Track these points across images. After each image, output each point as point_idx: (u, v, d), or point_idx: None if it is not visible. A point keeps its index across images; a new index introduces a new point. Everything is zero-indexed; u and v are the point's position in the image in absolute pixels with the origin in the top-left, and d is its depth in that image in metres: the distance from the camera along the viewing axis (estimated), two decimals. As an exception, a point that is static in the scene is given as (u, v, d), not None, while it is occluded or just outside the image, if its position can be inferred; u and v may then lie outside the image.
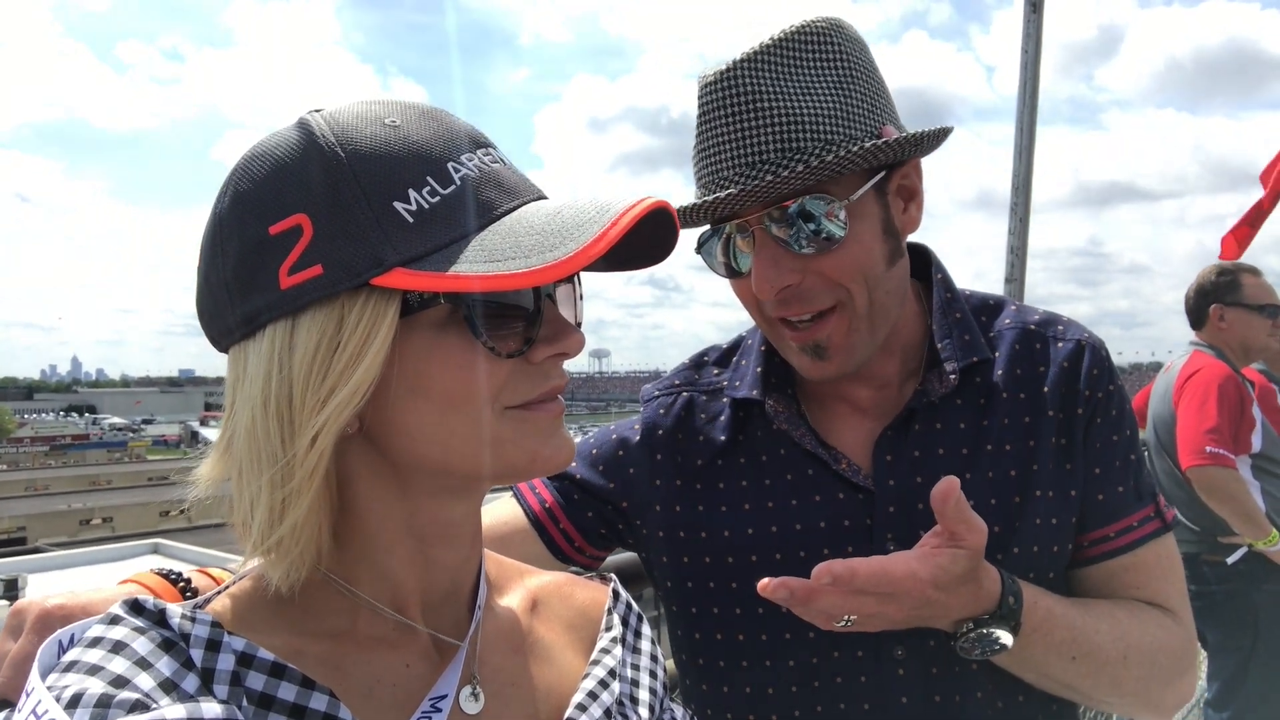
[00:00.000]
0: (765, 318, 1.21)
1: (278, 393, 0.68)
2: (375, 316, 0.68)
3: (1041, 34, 3.29)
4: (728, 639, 1.25)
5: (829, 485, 1.24)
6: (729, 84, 1.13)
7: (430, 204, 0.69)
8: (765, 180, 1.09)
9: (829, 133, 1.12)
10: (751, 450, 1.29)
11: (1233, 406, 3.54)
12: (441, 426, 0.72)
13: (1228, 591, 3.59)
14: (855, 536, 1.22)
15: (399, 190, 0.68)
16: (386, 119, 0.72)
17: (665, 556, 1.30)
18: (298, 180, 0.69)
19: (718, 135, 1.14)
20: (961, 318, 1.29)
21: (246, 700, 0.65)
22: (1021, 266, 3.36)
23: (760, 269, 1.14)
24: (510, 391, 0.73)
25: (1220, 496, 3.49)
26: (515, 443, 0.74)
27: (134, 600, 0.66)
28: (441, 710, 0.75)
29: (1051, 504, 1.24)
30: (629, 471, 1.34)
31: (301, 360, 0.68)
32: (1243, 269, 3.85)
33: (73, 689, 0.57)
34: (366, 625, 0.76)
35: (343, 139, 0.70)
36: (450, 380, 0.71)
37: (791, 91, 1.13)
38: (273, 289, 0.68)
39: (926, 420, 1.25)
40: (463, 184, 0.71)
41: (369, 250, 0.67)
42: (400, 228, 0.68)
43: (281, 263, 0.68)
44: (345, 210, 0.68)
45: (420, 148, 0.71)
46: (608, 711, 0.83)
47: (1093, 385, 1.26)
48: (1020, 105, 3.34)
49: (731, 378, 1.35)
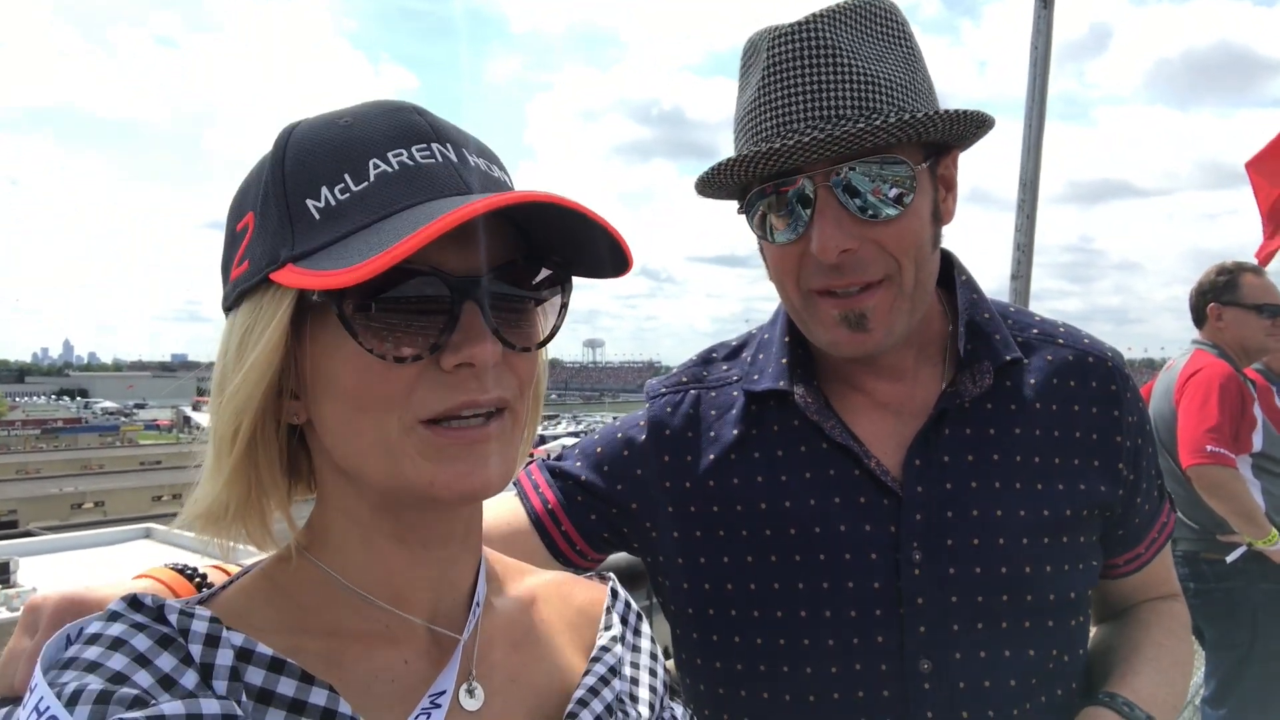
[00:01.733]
0: (801, 291, 1.16)
1: (219, 373, 0.72)
2: (271, 311, 0.69)
3: (1052, 30, 3.27)
4: (746, 642, 1.21)
5: (850, 487, 1.20)
6: (807, 36, 1.09)
7: (339, 201, 0.68)
8: (853, 128, 1.05)
9: (901, 100, 1.10)
10: (766, 446, 1.25)
11: (1234, 405, 3.54)
12: (349, 427, 0.71)
13: (1226, 589, 3.60)
14: (879, 542, 1.18)
15: (313, 188, 0.69)
16: (342, 120, 0.72)
17: (681, 558, 1.25)
18: (256, 183, 0.73)
19: (789, 86, 1.09)
20: (990, 318, 1.27)
21: (246, 695, 0.64)
22: (1028, 263, 3.34)
23: (825, 229, 1.09)
24: (420, 402, 0.69)
25: (1220, 495, 3.49)
26: (414, 461, 0.70)
27: (133, 596, 0.66)
28: (441, 706, 0.74)
29: (1081, 523, 1.23)
30: (637, 473, 1.30)
31: (233, 347, 0.71)
32: (1244, 268, 3.84)
33: (72, 686, 0.58)
34: (365, 621, 0.76)
35: (292, 142, 0.72)
36: (348, 381, 0.69)
37: (868, 55, 1.11)
38: (228, 280, 0.74)
39: (956, 423, 1.22)
40: (375, 180, 0.69)
41: (273, 247, 0.69)
42: (307, 225, 0.68)
43: (234, 256, 0.73)
44: (270, 209, 0.70)
45: (350, 145, 0.70)
46: (609, 708, 0.83)
47: (1130, 410, 1.27)
48: (1029, 101, 3.32)
49: (748, 371, 1.31)
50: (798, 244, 1.13)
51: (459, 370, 0.69)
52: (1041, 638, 1.18)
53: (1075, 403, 1.25)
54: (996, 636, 1.16)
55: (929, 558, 1.16)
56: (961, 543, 1.17)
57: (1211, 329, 3.80)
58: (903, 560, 1.16)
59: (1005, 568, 1.17)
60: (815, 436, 1.23)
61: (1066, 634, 1.22)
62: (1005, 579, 1.16)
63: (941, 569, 1.16)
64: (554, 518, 1.30)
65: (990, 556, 1.17)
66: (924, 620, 1.15)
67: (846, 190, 1.09)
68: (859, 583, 1.16)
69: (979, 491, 1.19)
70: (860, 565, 1.17)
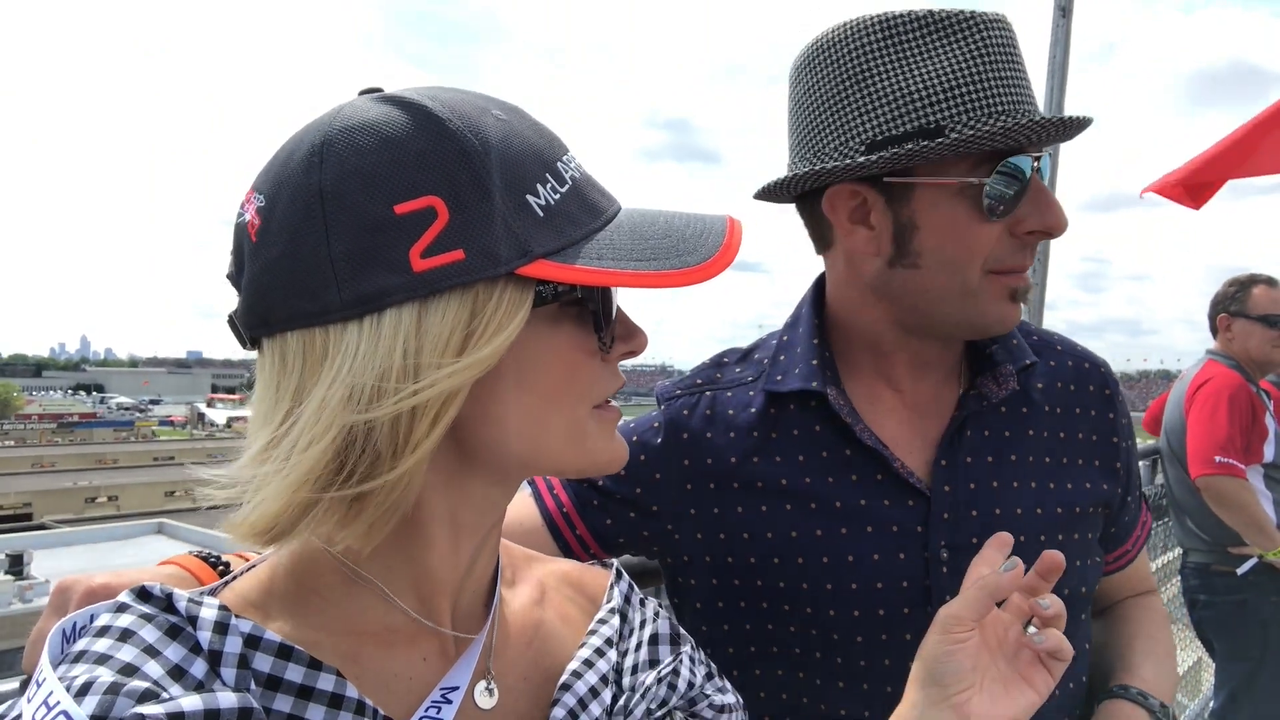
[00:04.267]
0: (984, 272, 1.16)
1: (399, 377, 0.65)
2: (512, 306, 0.68)
3: (1070, 39, 3.28)
4: (776, 634, 1.22)
5: (876, 489, 1.21)
6: (1010, 29, 1.16)
7: (554, 201, 0.70)
8: (1068, 117, 1.11)
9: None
10: (788, 449, 1.25)
11: (1244, 416, 3.52)
12: (539, 421, 0.72)
13: (1238, 602, 3.58)
14: (907, 542, 1.19)
15: (530, 184, 0.69)
16: (492, 110, 0.71)
17: (708, 556, 1.26)
18: (427, 162, 0.66)
19: (1010, 70, 1.14)
20: None
21: (254, 683, 0.64)
22: (1043, 272, 3.34)
23: (1058, 206, 1.15)
24: (601, 388, 0.76)
25: (1230, 506, 3.47)
26: (597, 439, 0.76)
27: (141, 587, 0.65)
28: (452, 702, 0.73)
29: (1088, 520, 1.28)
30: (655, 477, 1.29)
31: (435, 345, 0.65)
32: (1257, 280, 3.82)
33: (82, 678, 0.57)
34: (383, 618, 0.75)
35: (470, 126, 0.68)
36: (558, 375, 0.72)
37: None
38: (402, 270, 0.65)
39: (976, 425, 1.25)
40: (574, 184, 0.72)
41: (515, 240, 0.67)
42: (534, 221, 0.68)
43: (413, 244, 0.65)
44: (485, 198, 0.66)
45: (535, 145, 0.71)
46: (604, 678, 0.82)
47: (1122, 413, 1.34)
48: (1047, 110, 3.29)
49: (768, 372, 1.30)
50: (998, 223, 1.14)
51: (615, 359, 0.77)
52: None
53: (1077, 405, 1.31)
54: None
55: (956, 556, 1.19)
56: (986, 540, 1.19)
57: (1222, 340, 3.78)
58: (931, 559, 1.19)
59: (1025, 563, 1.19)
60: (839, 440, 1.24)
61: (1079, 627, 1.26)
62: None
63: (967, 566, 1.18)
64: (568, 521, 1.30)
65: (1013, 553, 1.19)
66: None
67: (1046, 174, 1.17)
68: (887, 582, 1.19)
69: (1000, 490, 1.22)
70: (888, 565, 1.19)
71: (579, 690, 0.80)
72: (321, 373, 0.65)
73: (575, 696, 0.79)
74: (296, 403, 0.66)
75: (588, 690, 0.80)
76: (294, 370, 0.66)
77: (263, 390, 0.69)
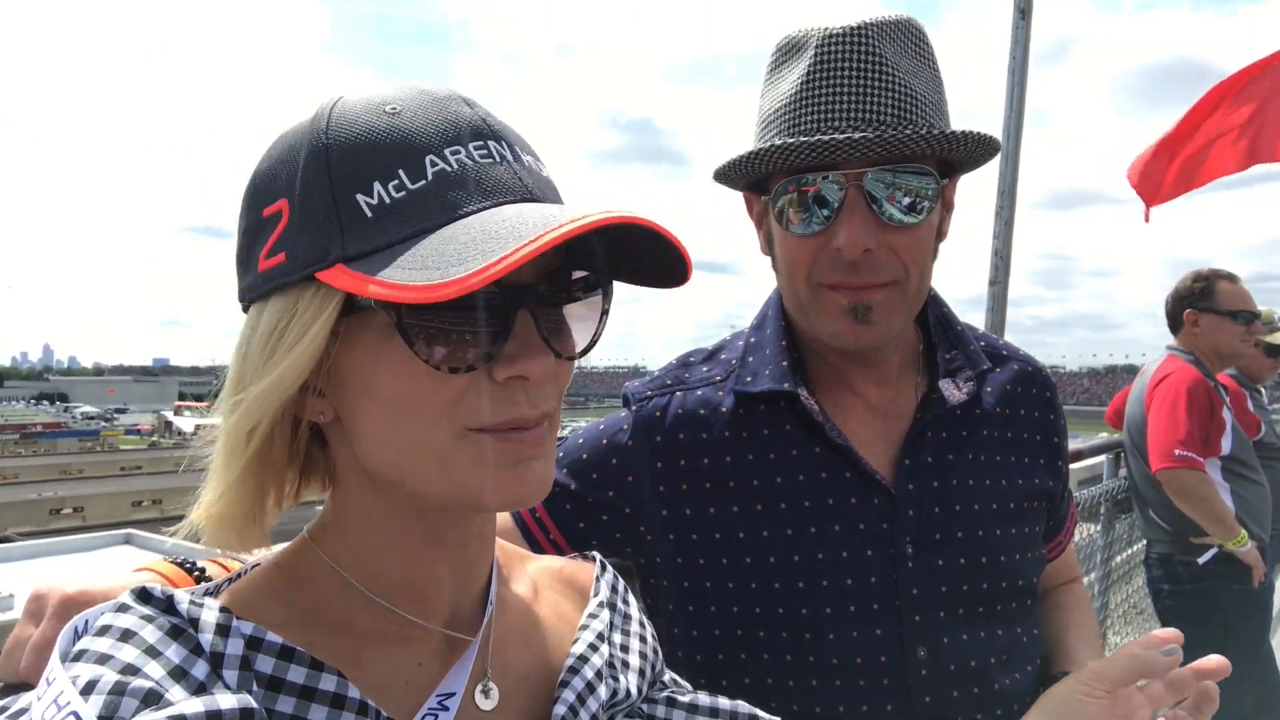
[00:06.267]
0: (811, 283, 1.20)
1: (237, 368, 0.69)
2: (315, 311, 0.65)
3: (1029, 40, 3.33)
4: (747, 638, 1.24)
5: (843, 488, 1.24)
6: (857, 41, 1.15)
7: (394, 199, 0.64)
8: (899, 133, 1.11)
9: (931, 117, 1.18)
10: (759, 449, 1.27)
11: (1202, 410, 3.59)
12: (393, 432, 0.68)
13: (1200, 590, 3.65)
14: (874, 539, 1.23)
15: (364, 183, 0.64)
16: (388, 106, 0.68)
17: (679, 558, 1.27)
18: (289, 166, 0.68)
19: (834, 85, 1.15)
20: (961, 331, 1.37)
21: (256, 684, 0.63)
22: (1006, 270, 3.39)
23: (853, 226, 1.14)
24: (469, 410, 0.67)
25: (1190, 498, 3.55)
26: (469, 468, 0.68)
27: (141, 589, 0.64)
28: (449, 709, 0.73)
29: (1034, 514, 1.37)
30: (628, 479, 1.30)
31: (257, 342, 0.67)
32: (1220, 275, 3.90)
33: (85, 678, 0.57)
34: (379, 623, 0.74)
35: (334, 126, 0.67)
36: (393, 387, 0.66)
37: (907, 69, 1.18)
38: (254, 270, 0.69)
39: (936, 426, 1.30)
40: (434, 180, 0.65)
41: (320, 243, 0.65)
42: (358, 222, 0.64)
43: (263, 246, 0.68)
44: (313, 200, 0.65)
45: (403, 138, 0.66)
46: (599, 673, 0.82)
47: (1060, 414, 1.44)
48: (1008, 111, 3.37)
49: (737, 373, 1.32)
50: (817, 238, 1.18)
51: (510, 381, 0.67)
52: (1012, 619, 1.29)
53: (1022, 407, 1.39)
54: (978, 620, 1.25)
55: (920, 551, 1.23)
56: (948, 536, 1.26)
57: (1187, 334, 3.85)
58: (898, 555, 1.22)
59: (985, 557, 1.27)
60: (808, 439, 1.27)
61: (1029, 614, 1.33)
62: (984, 567, 1.26)
63: (932, 561, 1.24)
64: (541, 526, 1.31)
65: (972, 547, 1.27)
66: (918, 610, 1.22)
67: (874, 193, 1.14)
68: (857, 579, 1.22)
69: (959, 488, 1.28)
70: (857, 562, 1.22)
71: (577, 686, 0.80)
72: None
73: (574, 692, 0.79)
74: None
75: (585, 685, 0.80)
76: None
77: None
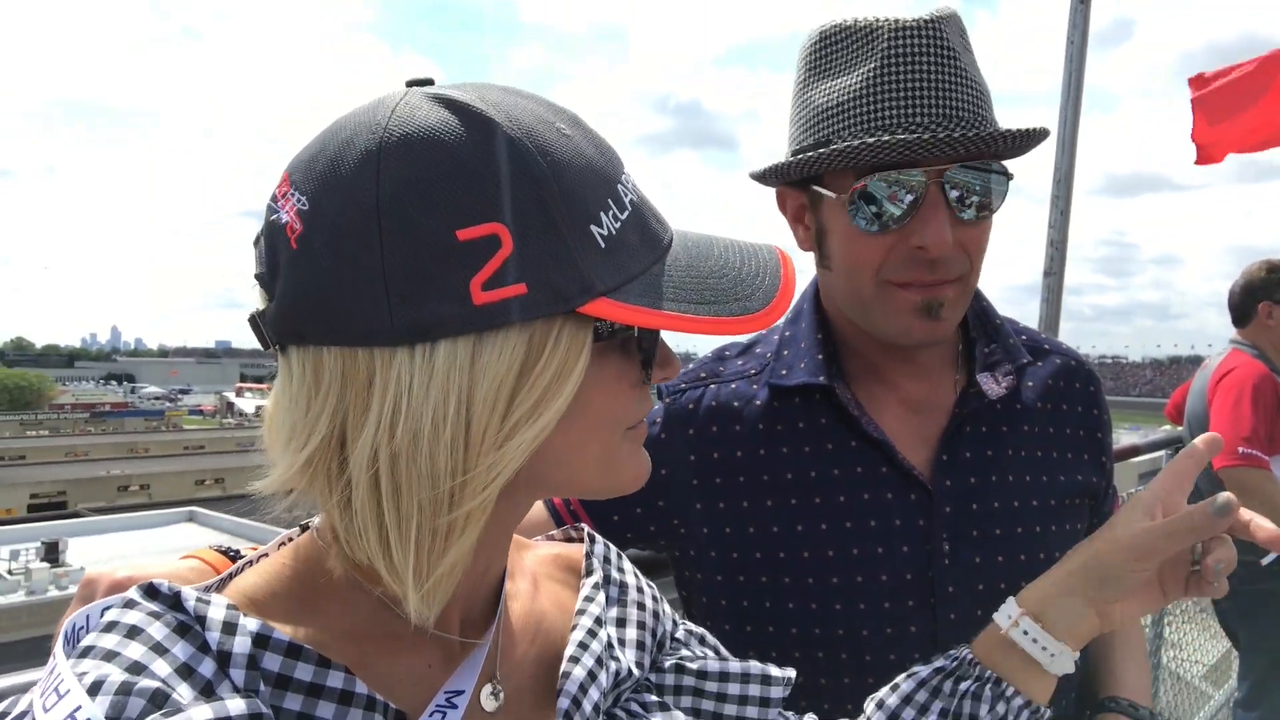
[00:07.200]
0: (879, 281, 1.18)
1: (454, 417, 0.61)
2: (572, 347, 0.64)
3: (1088, 24, 3.23)
4: (780, 633, 1.24)
5: (879, 483, 1.23)
6: (932, 35, 1.13)
7: (614, 230, 0.65)
8: (992, 131, 1.10)
9: (990, 110, 1.17)
10: (793, 442, 1.26)
11: (1268, 406, 3.48)
12: (578, 451, 0.70)
13: (1262, 592, 3.54)
14: (910, 536, 1.21)
15: (593, 212, 0.64)
16: (556, 124, 0.65)
17: (713, 552, 1.27)
18: (492, 184, 0.61)
19: (913, 80, 1.12)
20: (1000, 324, 1.34)
21: (264, 683, 0.62)
22: (1061, 260, 3.31)
23: (938, 225, 1.12)
24: (635, 414, 0.74)
25: (1253, 498, 3.43)
26: (628, 461, 0.76)
27: (149, 584, 0.63)
28: (457, 707, 0.72)
29: (1077, 511, 1.33)
30: (661, 473, 1.28)
31: (490, 386, 0.61)
32: (1293, 266, 3.76)
33: (92, 675, 0.55)
34: (389, 624, 0.73)
35: (538, 145, 0.63)
36: (602, 408, 0.70)
37: (971, 62, 1.17)
38: (461, 301, 0.60)
39: (975, 421, 1.28)
40: (633, 209, 0.68)
41: (578, 275, 0.62)
42: (596, 253, 0.64)
43: (474, 274, 0.60)
44: (551, 229, 0.62)
45: (597, 165, 0.66)
46: (599, 660, 0.81)
47: (1104, 409, 1.40)
48: (1065, 96, 3.27)
49: (772, 366, 1.31)
50: (889, 235, 1.15)
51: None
52: None
53: (1065, 402, 1.35)
54: None
55: (957, 548, 1.21)
56: (986, 533, 1.23)
57: (1258, 328, 3.70)
58: (934, 552, 1.21)
59: (1024, 554, 1.24)
60: (843, 433, 1.25)
61: None
62: (1023, 565, 1.22)
63: (969, 558, 1.22)
64: (575, 517, 1.31)
65: (1011, 545, 1.24)
66: (954, 608, 1.20)
67: (954, 190, 1.13)
68: (892, 575, 1.20)
69: (998, 484, 1.25)
70: (893, 558, 1.21)
71: (578, 677, 0.79)
72: (371, 403, 0.62)
73: (575, 683, 0.79)
74: (337, 427, 0.63)
75: (586, 674, 0.80)
76: (330, 389, 0.63)
77: (289, 401, 0.65)
